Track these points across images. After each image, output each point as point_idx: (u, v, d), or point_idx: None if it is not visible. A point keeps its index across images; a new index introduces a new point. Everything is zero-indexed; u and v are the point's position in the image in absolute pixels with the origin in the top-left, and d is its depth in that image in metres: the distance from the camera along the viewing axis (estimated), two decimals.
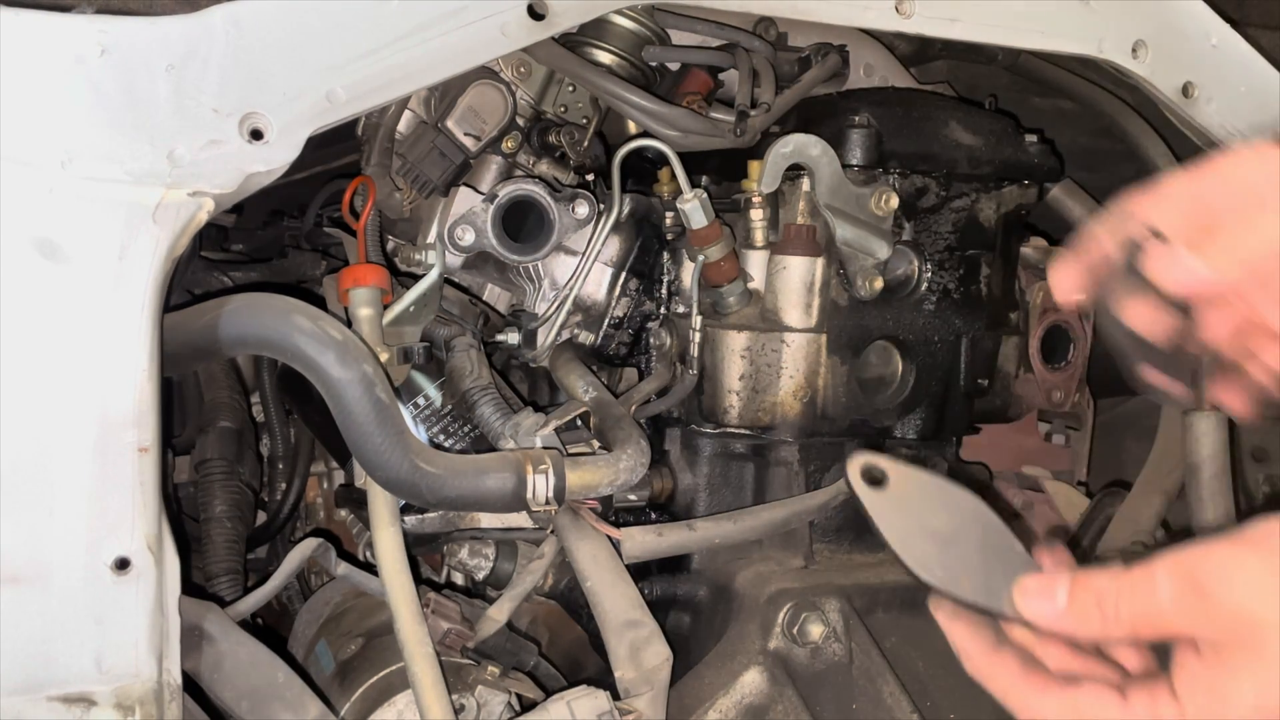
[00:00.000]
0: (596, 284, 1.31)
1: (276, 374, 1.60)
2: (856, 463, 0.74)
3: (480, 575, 1.23)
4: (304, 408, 1.55)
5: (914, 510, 0.73)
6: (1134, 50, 1.24)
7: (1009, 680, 0.70)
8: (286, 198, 1.81)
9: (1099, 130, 1.48)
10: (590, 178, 1.35)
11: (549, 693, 1.05)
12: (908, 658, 1.18)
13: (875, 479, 0.74)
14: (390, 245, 1.35)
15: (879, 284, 1.23)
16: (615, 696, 1.01)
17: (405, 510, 1.12)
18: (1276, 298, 0.74)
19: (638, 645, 1.04)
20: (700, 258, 1.22)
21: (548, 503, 1.03)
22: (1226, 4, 1.29)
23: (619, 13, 1.24)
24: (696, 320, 1.24)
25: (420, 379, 1.23)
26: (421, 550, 1.26)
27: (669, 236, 1.31)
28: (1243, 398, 0.77)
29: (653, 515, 1.30)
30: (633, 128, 1.39)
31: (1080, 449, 1.70)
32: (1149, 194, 0.72)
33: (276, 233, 1.85)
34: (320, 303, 1.09)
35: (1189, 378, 0.77)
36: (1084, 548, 1.50)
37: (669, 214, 1.29)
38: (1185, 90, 1.28)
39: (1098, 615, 0.66)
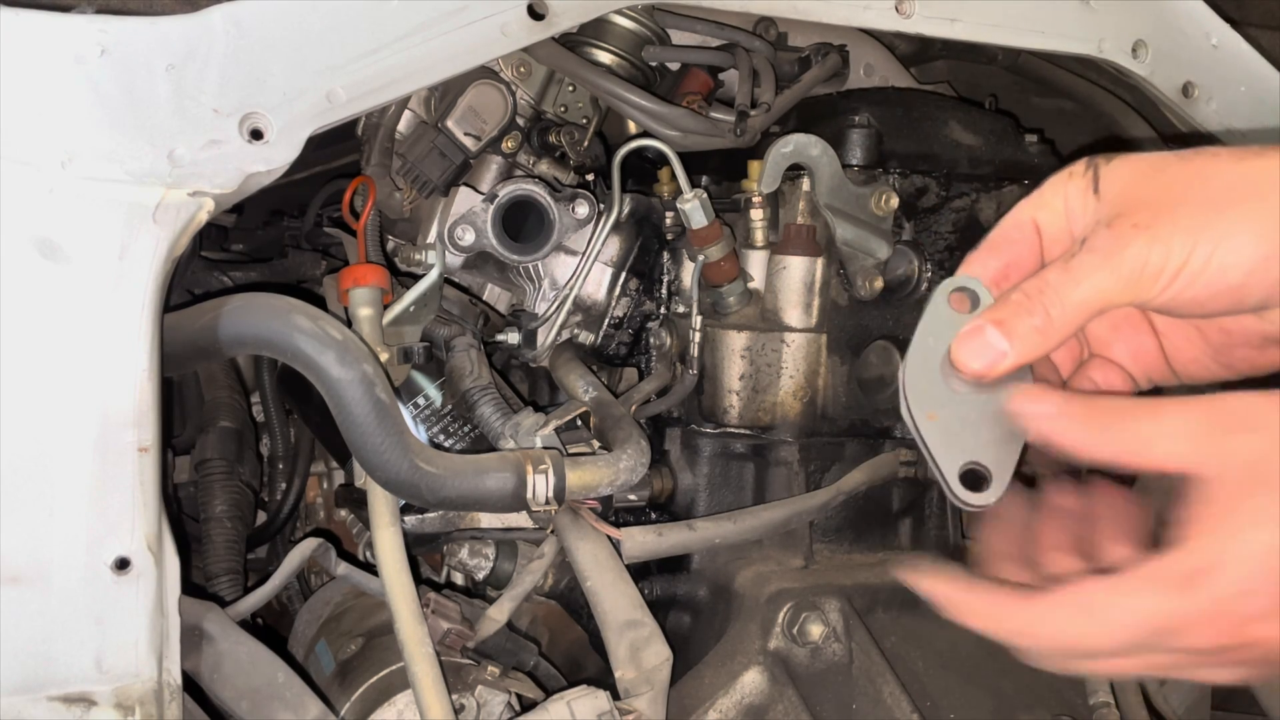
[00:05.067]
0: (596, 284, 1.31)
1: (276, 374, 1.60)
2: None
3: (480, 575, 1.23)
4: (304, 408, 1.55)
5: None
6: (1134, 50, 1.24)
7: (996, 606, 0.65)
8: (286, 198, 1.81)
9: (1099, 130, 1.48)
10: (590, 178, 1.35)
11: (549, 693, 1.05)
12: (908, 658, 1.18)
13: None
14: (390, 245, 1.35)
15: (879, 284, 1.23)
16: (615, 696, 1.01)
17: (405, 510, 1.12)
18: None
19: (638, 645, 1.04)
20: (700, 258, 1.22)
21: (548, 503, 1.03)
22: (1226, 4, 1.29)
23: (619, 13, 1.24)
24: (696, 320, 1.24)
25: (420, 379, 1.23)
26: (421, 550, 1.26)
27: (669, 236, 1.31)
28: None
29: (653, 515, 1.30)
30: (633, 128, 1.39)
31: None
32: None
33: (276, 233, 1.84)
34: (320, 303, 1.09)
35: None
36: None
37: (669, 214, 1.29)
38: (1185, 90, 1.28)
39: (1082, 429, 0.63)
